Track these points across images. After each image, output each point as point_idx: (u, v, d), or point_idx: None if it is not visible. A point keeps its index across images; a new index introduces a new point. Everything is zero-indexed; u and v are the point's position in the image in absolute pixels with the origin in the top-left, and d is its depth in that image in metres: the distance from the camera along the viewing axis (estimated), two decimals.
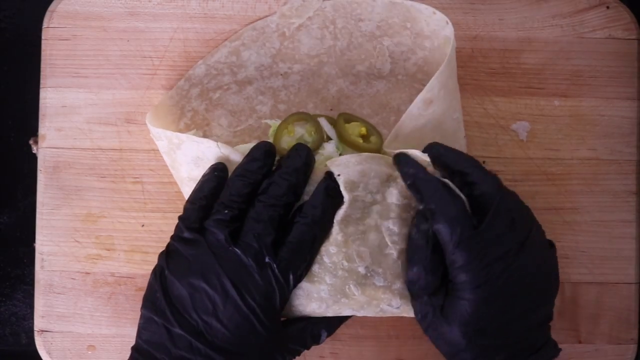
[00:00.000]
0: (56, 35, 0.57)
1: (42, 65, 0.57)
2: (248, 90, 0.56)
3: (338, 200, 0.46)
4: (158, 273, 0.45)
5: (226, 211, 0.44)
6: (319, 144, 0.53)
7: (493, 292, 0.42)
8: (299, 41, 0.56)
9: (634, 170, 0.57)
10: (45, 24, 0.57)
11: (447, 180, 0.45)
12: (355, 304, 0.46)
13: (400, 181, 0.47)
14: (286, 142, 0.53)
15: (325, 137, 0.53)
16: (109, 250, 0.56)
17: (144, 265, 0.56)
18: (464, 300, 0.42)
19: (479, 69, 0.57)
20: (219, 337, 0.42)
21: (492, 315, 0.43)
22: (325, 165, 0.48)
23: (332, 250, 0.46)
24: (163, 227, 0.56)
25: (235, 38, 0.56)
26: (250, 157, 0.47)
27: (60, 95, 0.56)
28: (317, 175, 0.48)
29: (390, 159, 0.48)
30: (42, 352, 0.56)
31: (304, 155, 0.46)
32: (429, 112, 0.49)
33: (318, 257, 0.46)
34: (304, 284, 0.46)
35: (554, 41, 0.57)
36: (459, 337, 0.43)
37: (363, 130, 0.53)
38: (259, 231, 0.43)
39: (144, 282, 0.56)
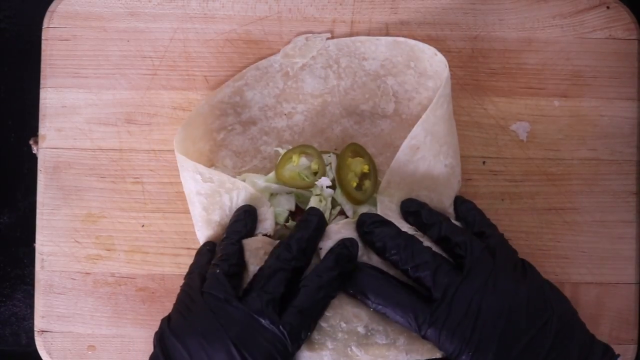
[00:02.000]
0: (56, 36, 0.57)
1: (42, 66, 0.57)
2: (252, 130, 0.56)
3: (348, 267, 0.46)
4: (159, 336, 0.44)
5: (218, 270, 0.45)
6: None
7: (486, 341, 0.42)
8: (303, 81, 0.56)
9: (634, 171, 0.57)
10: (45, 24, 0.57)
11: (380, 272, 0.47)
12: None
13: None
14: (289, 170, 0.53)
15: (326, 174, 0.54)
16: (109, 250, 0.56)
17: (144, 266, 0.56)
18: None
19: (479, 69, 0.57)
20: None
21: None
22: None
23: (328, 314, 0.46)
24: (163, 228, 0.56)
25: (238, 78, 0.56)
26: (234, 218, 0.50)
27: (60, 96, 0.56)
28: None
29: None
30: (42, 352, 0.56)
31: (314, 222, 0.47)
32: (416, 158, 0.50)
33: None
34: (306, 353, 0.45)
35: (554, 41, 0.57)
36: None
37: (365, 168, 0.53)
38: (264, 289, 0.43)
39: (144, 283, 0.56)
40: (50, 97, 0.56)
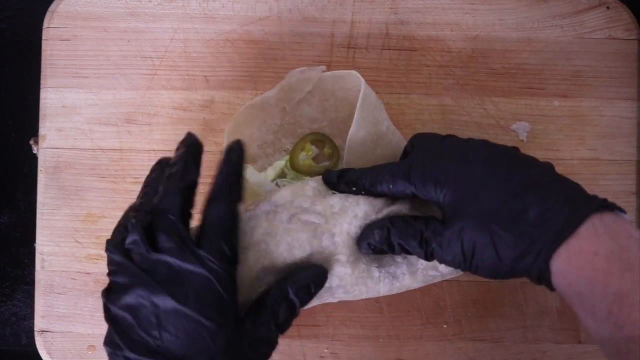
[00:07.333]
0: (56, 36, 0.57)
1: (43, 66, 0.57)
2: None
3: (240, 165, 0.44)
4: (104, 310, 0.43)
5: (133, 220, 0.43)
6: (335, 164, 0.54)
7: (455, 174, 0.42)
8: (301, 115, 0.55)
9: (634, 171, 0.57)
10: (45, 24, 0.57)
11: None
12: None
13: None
14: (302, 159, 0.53)
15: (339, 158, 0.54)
16: None
17: None
18: (448, 198, 0.42)
19: (479, 69, 0.57)
20: (173, 347, 0.40)
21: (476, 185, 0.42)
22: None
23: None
24: None
25: (234, 119, 0.54)
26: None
27: (60, 96, 0.56)
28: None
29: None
30: (42, 352, 0.56)
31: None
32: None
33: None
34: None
35: (554, 41, 0.57)
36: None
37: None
38: (169, 225, 0.42)
39: None
40: (50, 97, 0.56)
